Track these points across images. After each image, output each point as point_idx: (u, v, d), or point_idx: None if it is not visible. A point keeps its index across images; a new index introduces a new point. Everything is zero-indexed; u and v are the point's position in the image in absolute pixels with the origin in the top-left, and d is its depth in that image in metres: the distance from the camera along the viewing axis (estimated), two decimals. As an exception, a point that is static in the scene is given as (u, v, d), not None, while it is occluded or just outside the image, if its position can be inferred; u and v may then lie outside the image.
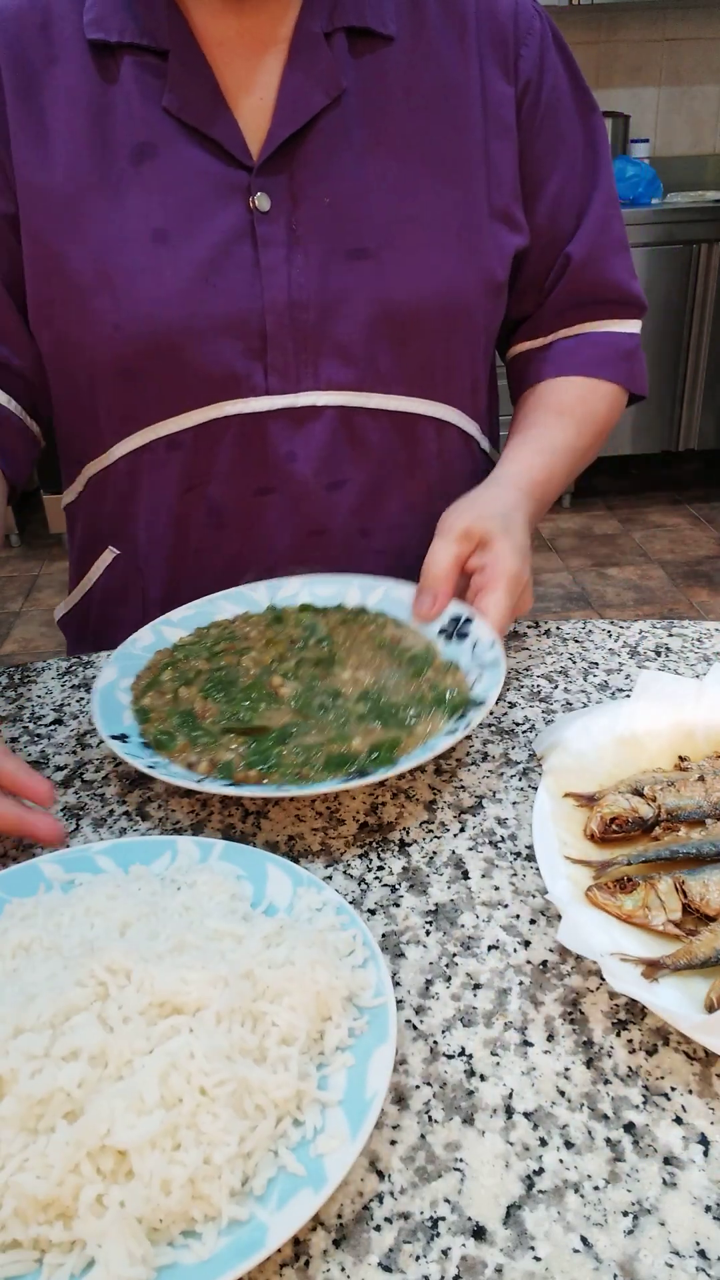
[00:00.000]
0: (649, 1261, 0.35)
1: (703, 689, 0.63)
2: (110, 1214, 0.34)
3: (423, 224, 0.76)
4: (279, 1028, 0.40)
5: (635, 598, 2.95)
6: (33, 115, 0.73)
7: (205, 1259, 0.34)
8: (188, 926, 0.44)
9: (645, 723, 0.61)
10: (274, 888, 0.49)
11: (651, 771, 0.58)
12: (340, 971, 0.42)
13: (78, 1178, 0.35)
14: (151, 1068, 0.37)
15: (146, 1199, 0.34)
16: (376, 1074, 0.39)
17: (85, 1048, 0.38)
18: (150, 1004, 0.40)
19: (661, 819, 0.54)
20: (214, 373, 0.75)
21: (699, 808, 0.54)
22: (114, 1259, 0.33)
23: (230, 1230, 0.34)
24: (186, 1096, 0.36)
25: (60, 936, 0.44)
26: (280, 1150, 0.37)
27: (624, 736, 0.61)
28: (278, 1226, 0.34)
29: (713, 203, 3.41)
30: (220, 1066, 0.37)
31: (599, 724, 0.61)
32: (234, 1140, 0.36)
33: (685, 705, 0.62)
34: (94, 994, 0.40)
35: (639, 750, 0.60)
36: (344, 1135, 0.37)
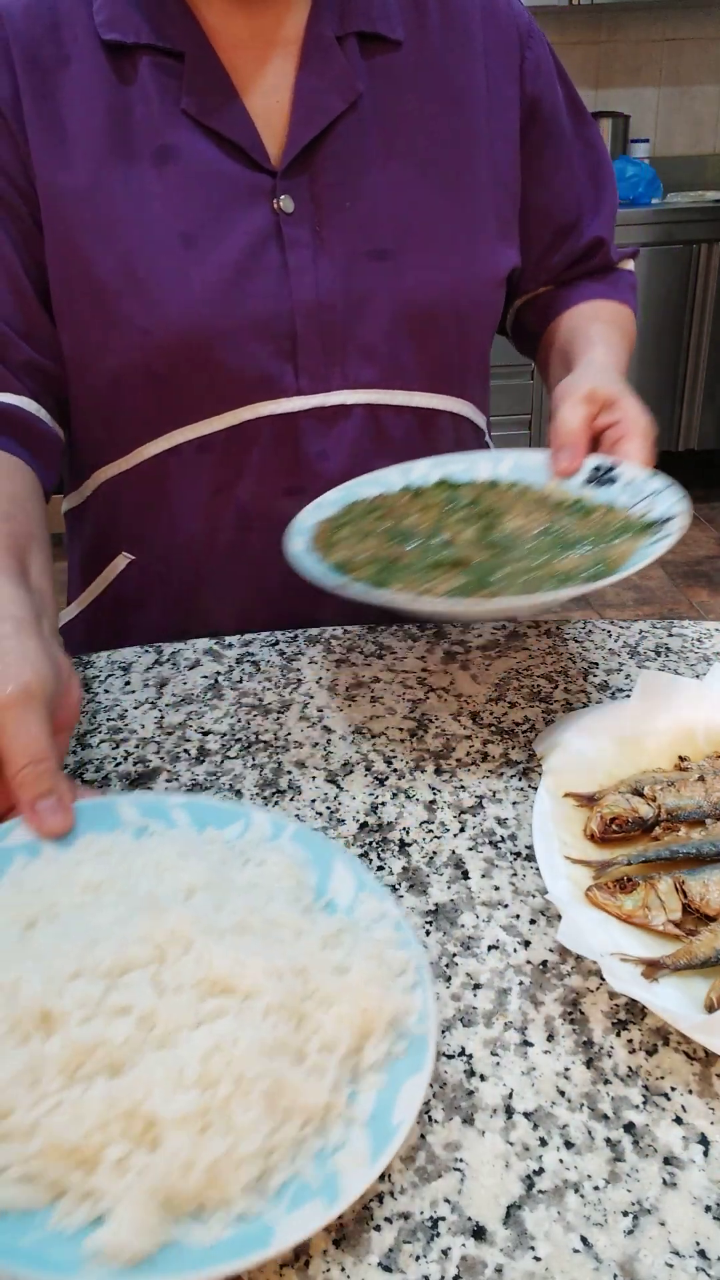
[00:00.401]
0: (649, 1261, 0.35)
1: (703, 689, 0.63)
2: (129, 1178, 0.34)
3: (434, 227, 0.78)
4: (321, 1034, 0.40)
5: (635, 598, 2.95)
6: (50, 115, 0.73)
7: (208, 1246, 0.34)
8: (251, 907, 0.44)
9: (645, 723, 0.61)
10: (337, 884, 0.49)
11: (651, 772, 0.58)
12: (391, 992, 0.42)
13: (106, 1135, 0.35)
14: (196, 1044, 0.37)
15: (166, 1174, 0.34)
16: (406, 1102, 0.38)
17: (137, 1006, 0.38)
18: (204, 979, 0.40)
19: (661, 819, 0.54)
20: (246, 375, 0.76)
21: (699, 808, 0.54)
22: (125, 1223, 0.33)
23: (237, 1223, 0.34)
24: (224, 1081, 0.36)
25: (130, 884, 0.45)
26: (300, 1157, 0.37)
27: (624, 737, 0.61)
28: (284, 1231, 0.34)
29: (713, 203, 3.41)
30: (260, 1059, 0.37)
31: (599, 724, 0.61)
32: (259, 1136, 0.36)
33: (685, 705, 0.62)
34: (152, 955, 0.41)
35: (639, 750, 0.60)
36: (364, 1157, 0.36)
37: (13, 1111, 0.35)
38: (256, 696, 0.71)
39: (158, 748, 0.66)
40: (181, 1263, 0.33)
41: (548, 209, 0.88)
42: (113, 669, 0.76)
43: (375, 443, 0.81)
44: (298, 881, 0.48)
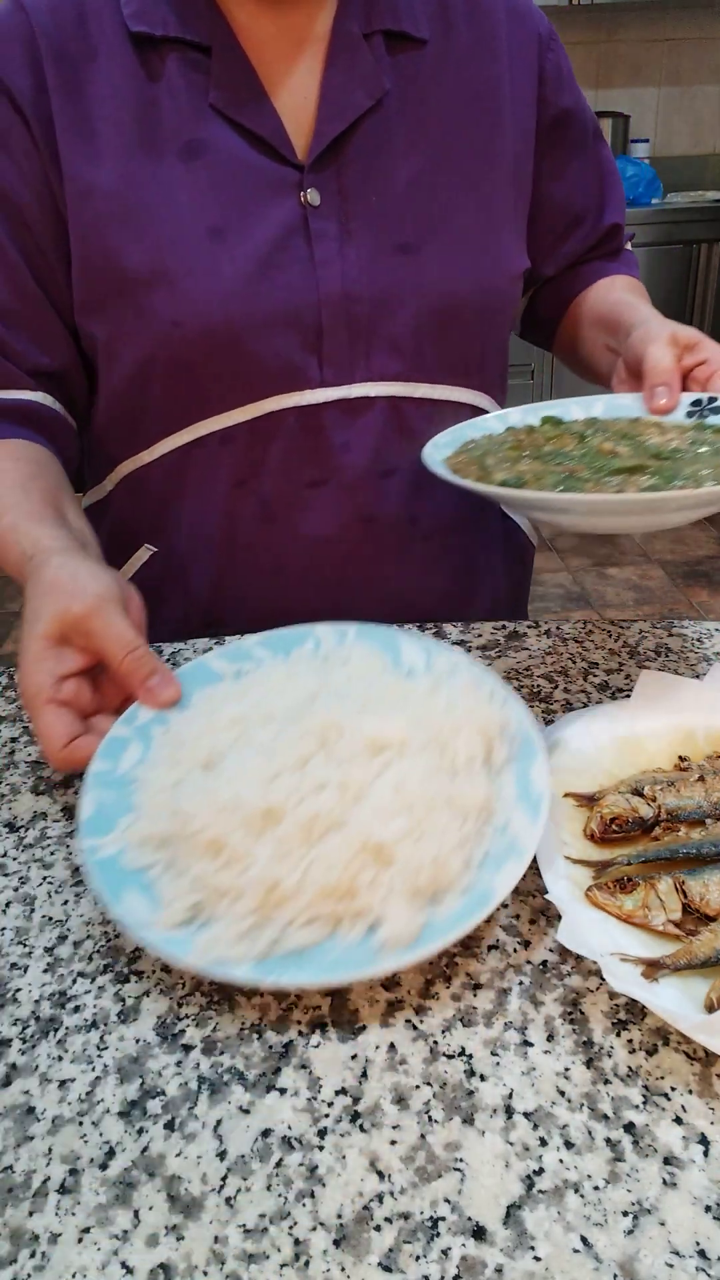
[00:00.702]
0: (649, 1261, 0.35)
1: (703, 689, 0.63)
2: (382, 890, 0.46)
3: (458, 222, 0.79)
4: (463, 752, 0.52)
5: (635, 598, 2.95)
6: (78, 112, 0.73)
7: (453, 914, 0.46)
8: (364, 690, 0.57)
9: (645, 723, 0.61)
10: (409, 656, 0.62)
11: (651, 772, 0.58)
12: (491, 709, 0.55)
13: (354, 867, 0.46)
14: (385, 786, 0.49)
15: (406, 877, 0.46)
16: (538, 778, 0.51)
17: (330, 780, 0.50)
18: (365, 745, 0.52)
19: (661, 819, 0.54)
20: (272, 367, 0.76)
21: (699, 808, 0.54)
22: (393, 920, 0.45)
23: (465, 894, 0.47)
24: (416, 804, 0.49)
25: (263, 708, 0.56)
26: (485, 837, 0.49)
27: (624, 737, 0.61)
28: (499, 886, 0.46)
29: (713, 203, 3.41)
30: (432, 781, 0.50)
31: (599, 724, 0.61)
32: (455, 832, 0.48)
33: (685, 706, 0.62)
34: (318, 744, 0.52)
35: (639, 750, 0.60)
36: (528, 823, 0.49)
37: (280, 882, 0.46)
38: (256, 696, 0.71)
39: (158, 748, 0.66)
40: (440, 930, 0.45)
41: (561, 202, 0.90)
42: (113, 669, 0.76)
43: (397, 434, 0.82)
44: (382, 663, 0.61)
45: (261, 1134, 0.40)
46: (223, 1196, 0.38)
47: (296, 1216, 0.37)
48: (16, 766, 0.65)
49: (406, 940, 0.44)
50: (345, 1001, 0.46)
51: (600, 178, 0.93)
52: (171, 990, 0.47)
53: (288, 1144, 0.39)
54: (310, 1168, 0.38)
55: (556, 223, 0.91)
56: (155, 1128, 0.40)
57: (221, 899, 0.47)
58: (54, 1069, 0.43)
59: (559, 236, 0.92)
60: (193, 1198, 0.38)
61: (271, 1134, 0.40)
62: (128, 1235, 0.36)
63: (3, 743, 0.68)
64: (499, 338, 0.88)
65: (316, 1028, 0.45)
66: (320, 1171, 0.38)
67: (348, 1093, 0.41)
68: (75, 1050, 0.44)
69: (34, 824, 0.59)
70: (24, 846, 0.57)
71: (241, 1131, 0.40)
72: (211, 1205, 0.37)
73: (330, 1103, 0.41)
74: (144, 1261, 0.36)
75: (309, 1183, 0.38)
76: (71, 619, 0.58)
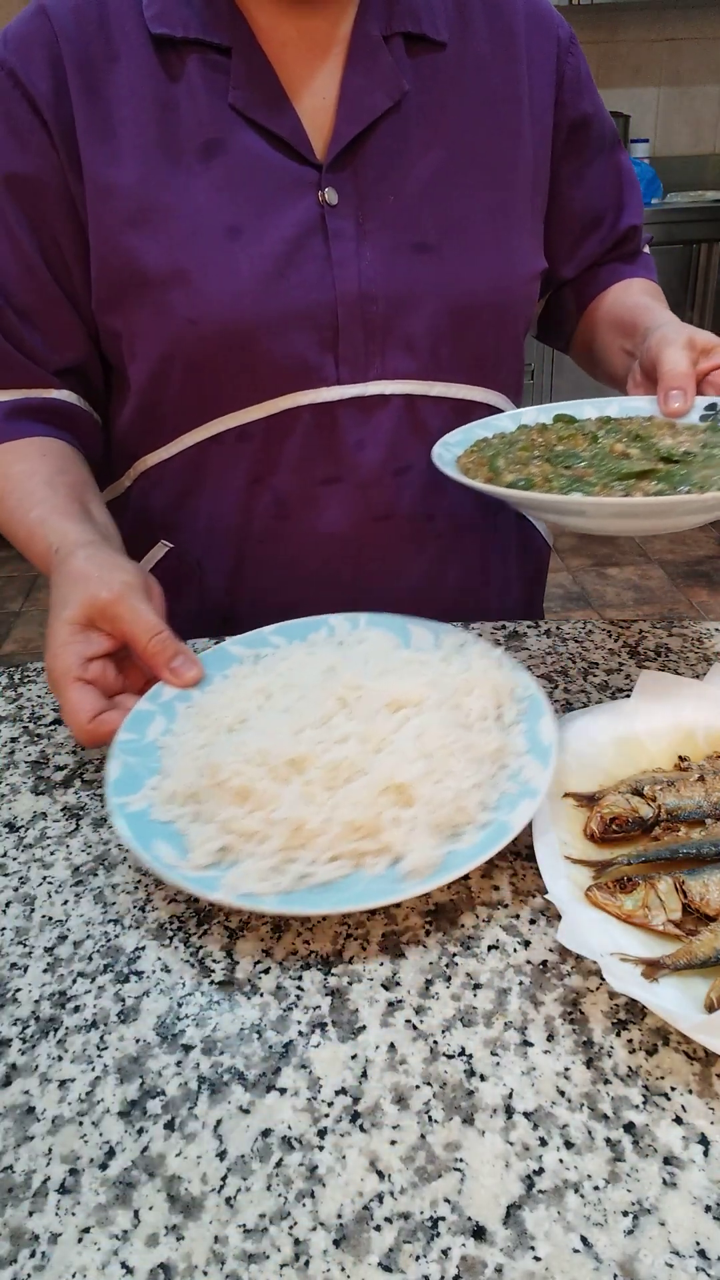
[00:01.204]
0: (649, 1261, 0.35)
1: (703, 689, 0.63)
2: (404, 826, 0.49)
3: (476, 222, 0.80)
4: (475, 709, 0.57)
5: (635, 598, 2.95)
6: (99, 112, 0.74)
7: (473, 845, 0.49)
8: (382, 659, 0.61)
9: (645, 723, 0.61)
10: (418, 638, 0.67)
11: (651, 772, 0.58)
12: (501, 674, 0.60)
13: (378, 806, 0.50)
14: (405, 737, 0.53)
15: (428, 813, 0.50)
16: (546, 732, 0.55)
17: (353, 733, 0.54)
18: (384, 704, 0.56)
19: (661, 819, 0.54)
20: (287, 364, 0.77)
21: (699, 808, 0.54)
22: (416, 850, 0.48)
23: (483, 829, 0.50)
24: (435, 752, 0.53)
25: (287, 679, 0.60)
26: (501, 781, 0.53)
27: (624, 737, 0.61)
28: (515, 821, 0.50)
29: (713, 203, 3.41)
30: (450, 732, 0.54)
31: (599, 724, 0.61)
32: (472, 774, 0.52)
33: (685, 705, 0.62)
34: (339, 704, 0.56)
35: (639, 750, 0.60)
36: (539, 769, 0.53)
37: (306, 822, 0.50)
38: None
39: (158, 748, 0.66)
40: (460, 860, 0.48)
41: (579, 205, 0.91)
42: (113, 669, 0.76)
43: (412, 433, 0.82)
44: (395, 643, 0.65)
45: (261, 1134, 0.40)
46: (223, 1196, 0.38)
47: (296, 1216, 0.37)
48: (16, 766, 0.65)
49: (428, 869, 0.48)
50: (345, 1001, 0.46)
51: (619, 181, 0.93)
52: (171, 990, 0.47)
53: (288, 1144, 0.39)
54: (310, 1168, 0.38)
55: (574, 225, 0.92)
56: (155, 1128, 0.40)
57: (248, 841, 0.50)
58: (54, 1069, 0.43)
59: (577, 239, 0.93)
60: (193, 1198, 0.38)
61: (271, 1134, 0.40)
62: (128, 1235, 0.36)
63: (3, 743, 0.68)
64: (515, 338, 0.88)
65: (316, 1028, 0.45)
66: (320, 1171, 0.38)
67: (348, 1093, 0.41)
68: (75, 1050, 0.44)
69: (34, 824, 0.59)
70: (24, 846, 0.57)
71: (241, 1131, 0.40)
72: (211, 1205, 0.37)
73: (330, 1103, 0.41)
74: (144, 1261, 0.36)
75: (309, 1183, 0.38)
76: (99, 605, 0.62)
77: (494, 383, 0.86)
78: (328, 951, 0.49)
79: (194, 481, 0.83)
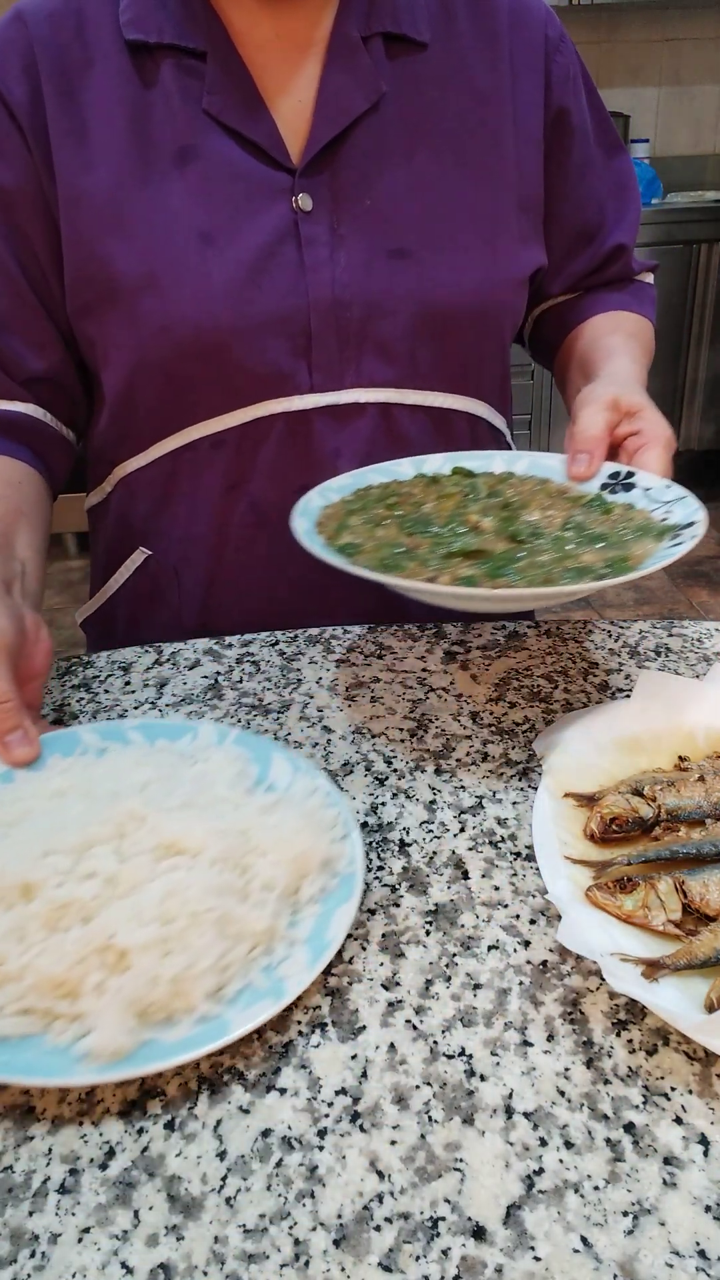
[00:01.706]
0: (649, 1261, 0.35)
1: (703, 689, 0.63)
2: (107, 997, 0.42)
3: (457, 226, 0.78)
4: (262, 876, 0.48)
5: (635, 598, 2.95)
6: (73, 119, 0.73)
7: (179, 1040, 0.42)
8: (197, 790, 0.53)
9: (645, 723, 0.61)
10: (277, 771, 0.57)
11: (651, 772, 0.58)
12: (320, 840, 0.50)
13: (85, 967, 0.43)
14: (154, 891, 0.45)
15: (137, 989, 0.42)
16: (339, 923, 0.47)
17: (102, 871, 0.46)
18: (158, 845, 0.48)
19: (661, 819, 0.54)
20: (260, 372, 0.76)
21: (699, 808, 0.54)
22: (107, 1027, 0.41)
23: (201, 1022, 0.42)
24: (180, 917, 0.44)
25: (91, 787, 0.53)
26: (251, 970, 0.45)
27: (624, 737, 0.61)
28: (239, 1023, 0.42)
29: (713, 203, 3.41)
30: (210, 898, 0.45)
31: (599, 724, 0.61)
32: (214, 955, 0.44)
33: (686, 706, 0.62)
34: (114, 832, 0.49)
35: (639, 750, 0.60)
36: (304, 964, 0.45)
37: (5, 961, 0.43)
38: (256, 696, 0.71)
39: (158, 748, 0.66)
40: (155, 1054, 0.41)
41: (569, 216, 0.88)
42: (113, 669, 0.76)
43: (389, 441, 0.81)
44: (239, 772, 0.56)
45: (261, 1134, 0.40)
46: (223, 1196, 0.38)
47: (296, 1216, 0.37)
48: (16, 766, 0.65)
49: (110, 1055, 0.41)
50: (345, 1001, 0.46)
51: (617, 193, 0.90)
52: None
53: (288, 1144, 0.39)
54: (310, 1168, 0.38)
55: (564, 236, 0.89)
56: (155, 1128, 0.40)
57: None
58: (54, 1069, 0.43)
59: (566, 252, 0.90)
60: (193, 1198, 0.38)
61: (271, 1134, 0.40)
62: (128, 1235, 0.36)
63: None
64: (498, 345, 0.86)
65: (316, 1028, 0.45)
66: (320, 1171, 0.38)
67: (348, 1093, 0.41)
68: (75, 1050, 0.44)
69: (34, 824, 0.59)
70: (24, 846, 0.57)
71: (241, 1131, 0.40)
72: (211, 1205, 0.37)
73: (330, 1103, 0.41)
74: (144, 1261, 0.36)
75: (309, 1183, 0.38)
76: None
77: (476, 391, 0.85)
78: (328, 951, 0.49)
79: (170, 489, 0.83)
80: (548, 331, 0.96)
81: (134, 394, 0.79)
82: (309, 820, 0.51)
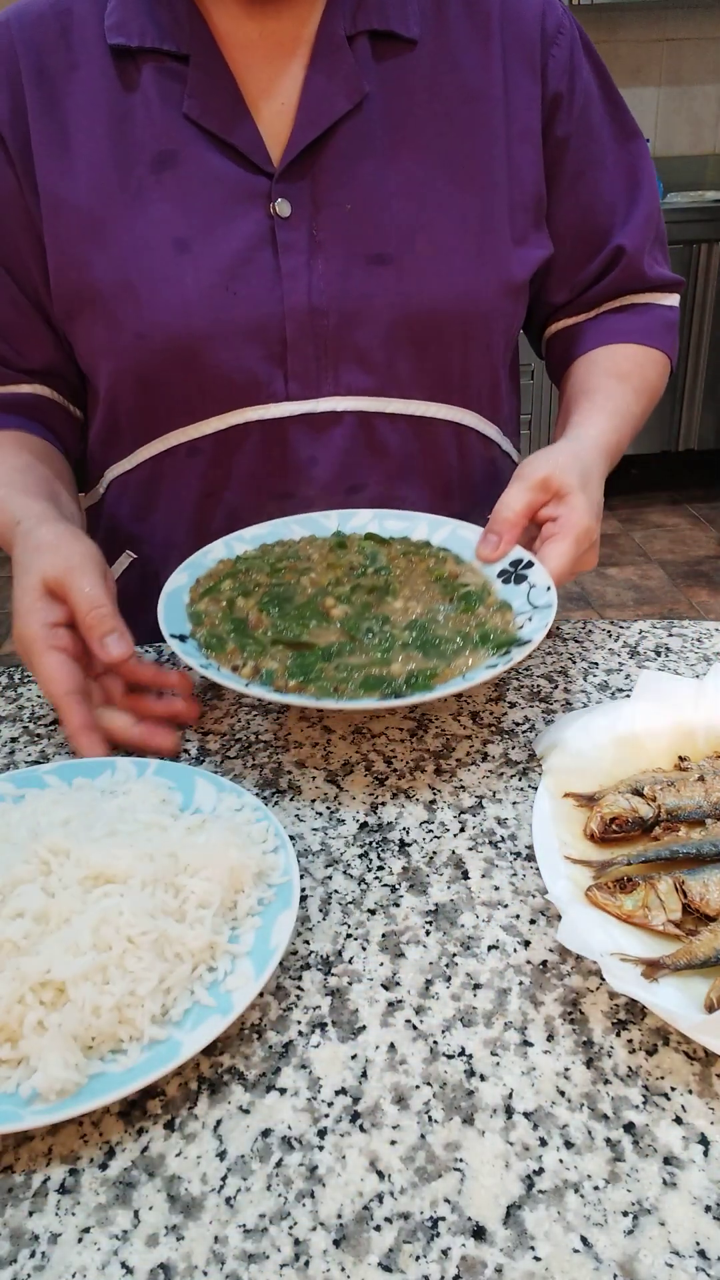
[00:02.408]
0: (649, 1261, 0.35)
1: (703, 689, 0.63)
2: (50, 1034, 0.40)
3: (443, 230, 0.76)
4: (196, 894, 0.47)
5: (635, 598, 2.95)
6: (55, 126, 0.73)
7: (129, 1068, 0.41)
8: (120, 818, 0.51)
9: (645, 723, 0.61)
10: (201, 795, 0.56)
11: (651, 771, 0.58)
12: (252, 853, 0.50)
13: (22, 1007, 0.41)
14: (86, 920, 0.44)
15: (80, 1020, 0.41)
16: (280, 932, 0.46)
17: (29, 909, 0.45)
18: (86, 875, 0.47)
19: (661, 819, 0.54)
20: (235, 379, 0.76)
21: (699, 808, 0.54)
22: (51, 1065, 0.40)
23: (151, 1047, 0.42)
24: (115, 943, 0.43)
25: (9, 832, 0.51)
26: (196, 988, 0.44)
27: (624, 736, 0.61)
28: (190, 1043, 0.41)
29: (713, 203, 3.41)
30: (145, 921, 0.44)
31: (598, 724, 0.61)
32: (155, 977, 0.43)
33: (685, 705, 0.62)
34: (38, 869, 0.47)
35: (639, 750, 0.60)
36: (249, 976, 0.44)
37: None
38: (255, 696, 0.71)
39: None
40: (107, 1085, 0.40)
41: (571, 215, 0.84)
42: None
43: (368, 451, 0.80)
44: (162, 799, 0.55)
45: (261, 1134, 0.40)
46: (223, 1196, 0.38)
47: (296, 1216, 0.37)
48: (16, 766, 0.65)
49: (59, 1092, 0.39)
50: (345, 1001, 0.46)
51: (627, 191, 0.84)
52: (171, 990, 0.47)
53: (288, 1144, 0.39)
54: (310, 1168, 0.38)
55: (567, 238, 0.84)
56: (155, 1128, 0.40)
57: None
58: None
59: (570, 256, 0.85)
60: (193, 1198, 0.38)
61: (271, 1134, 0.40)
62: (128, 1235, 0.36)
63: (3, 743, 0.68)
64: (487, 353, 0.83)
65: (316, 1028, 0.45)
66: (320, 1171, 0.38)
67: (348, 1093, 0.41)
68: (75, 1050, 0.44)
69: (34, 824, 0.59)
70: (24, 846, 0.57)
71: (241, 1131, 0.40)
72: (211, 1205, 0.37)
73: (330, 1103, 0.41)
74: (144, 1261, 0.36)
75: (309, 1183, 0.38)
76: (52, 575, 0.63)
77: (464, 400, 0.82)
78: (328, 952, 0.49)
79: (153, 495, 0.83)
80: (554, 358, 0.93)
81: (116, 399, 0.80)
82: (238, 835, 0.50)
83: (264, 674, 0.60)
